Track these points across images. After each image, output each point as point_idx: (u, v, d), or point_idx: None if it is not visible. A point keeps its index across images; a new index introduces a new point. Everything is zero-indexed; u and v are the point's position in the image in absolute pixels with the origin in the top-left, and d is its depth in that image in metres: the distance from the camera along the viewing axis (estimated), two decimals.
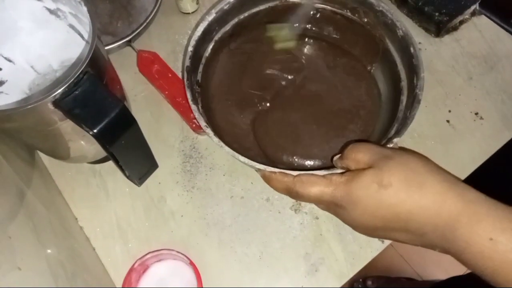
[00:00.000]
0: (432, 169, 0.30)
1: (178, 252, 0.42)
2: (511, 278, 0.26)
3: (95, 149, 0.42)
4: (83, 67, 0.31)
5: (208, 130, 0.38)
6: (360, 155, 0.32)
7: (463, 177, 0.48)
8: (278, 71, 0.49)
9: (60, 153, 0.42)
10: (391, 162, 0.30)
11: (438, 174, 0.30)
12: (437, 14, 0.55)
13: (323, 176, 0.33)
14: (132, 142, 0.35)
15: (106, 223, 0.46)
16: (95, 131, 0.31)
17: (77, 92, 0.31)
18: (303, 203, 0.47)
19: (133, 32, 0.51)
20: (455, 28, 0.58)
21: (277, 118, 0.46)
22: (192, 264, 0.41)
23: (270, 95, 0.48)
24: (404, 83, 0.43)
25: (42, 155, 0.49)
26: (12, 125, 0.34)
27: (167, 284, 0.42)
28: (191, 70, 0.42)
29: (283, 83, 0.49)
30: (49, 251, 0.36)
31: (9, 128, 0.36)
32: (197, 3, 0.58)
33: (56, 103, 0.31)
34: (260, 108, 0.47)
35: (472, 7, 0.57)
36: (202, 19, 0.44)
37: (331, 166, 0.35)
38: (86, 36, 0.40)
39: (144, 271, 0.43)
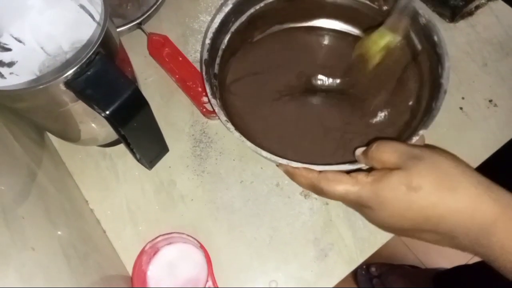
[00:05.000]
0: (464, 170, 0.29)
1: (188, 235, 0.42)
2: None
3: (105, 131, 0.41)
4: (95, 47, 0.31)
5: (229, 125, 0.37)
6: (385, 156, 0.31)
7: (475, 165, 0.48)
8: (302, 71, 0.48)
9: (70, 135, 0.42)
10: (421, 163, 0.29)
11: (471, 176, 0.28)
12: None
13: (349, 174, 0.32)
14: (144, 124, 0.35)
15: (116, 206, 0.46)
16: (107, 112, 0.31)
17: (89, 73, 0.31)
18: None
19: (143, 14, 0.50)
20: (470, 13, 0.56)
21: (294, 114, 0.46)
22: (202, 247, 0.41)
23: (290, 89, 0.47)
24: (426, 73, 0.42)
25: (52, 137, 0.49)
26: (23, 105, 0.34)
27: (178, 267, 0.43)
28: (209, 63, 0.42)
29: (304, 79, 0.48)
30: (59, 232, 0.36)
31: (20, 109, 0.35)
32: None
33: (68, 84, 0.31)
34: (281, 103, 0.47)
35: None
36: (219, 10, 0.43)
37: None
38: (97, 17, 0.39)
39: (155, 253, 0.43)
